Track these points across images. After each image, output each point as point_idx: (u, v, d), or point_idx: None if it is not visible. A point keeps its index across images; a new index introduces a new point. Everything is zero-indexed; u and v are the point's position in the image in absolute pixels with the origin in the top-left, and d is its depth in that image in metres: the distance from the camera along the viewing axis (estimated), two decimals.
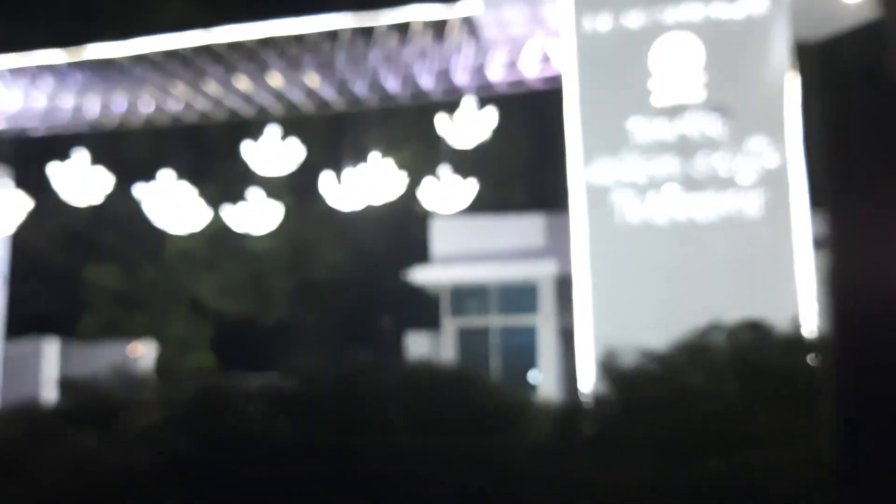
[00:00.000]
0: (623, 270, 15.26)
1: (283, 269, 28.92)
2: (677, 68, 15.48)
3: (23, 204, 20.58)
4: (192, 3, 24.07)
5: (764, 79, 15.13)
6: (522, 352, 19.37)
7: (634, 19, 15.73)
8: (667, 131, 15.33)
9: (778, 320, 7.78)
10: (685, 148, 15.20)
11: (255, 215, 20.14)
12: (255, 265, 28.61)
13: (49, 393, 22.64)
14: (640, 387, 6.75)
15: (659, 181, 15.26)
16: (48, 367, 22.69)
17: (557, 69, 18.11)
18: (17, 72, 19.16)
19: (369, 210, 19.83)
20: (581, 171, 15.59)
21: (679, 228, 15.13)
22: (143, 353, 24.58)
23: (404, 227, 23.71)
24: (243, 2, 22.53)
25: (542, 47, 17.87)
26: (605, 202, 15.41)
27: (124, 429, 6.73)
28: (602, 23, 15.84)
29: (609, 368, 7.20)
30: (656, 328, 14.24)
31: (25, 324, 23.10)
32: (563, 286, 19.14)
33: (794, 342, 7.45)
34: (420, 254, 21.49)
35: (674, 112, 15.35)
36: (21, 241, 22.21)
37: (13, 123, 20.99)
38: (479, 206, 19.94)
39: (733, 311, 14.59)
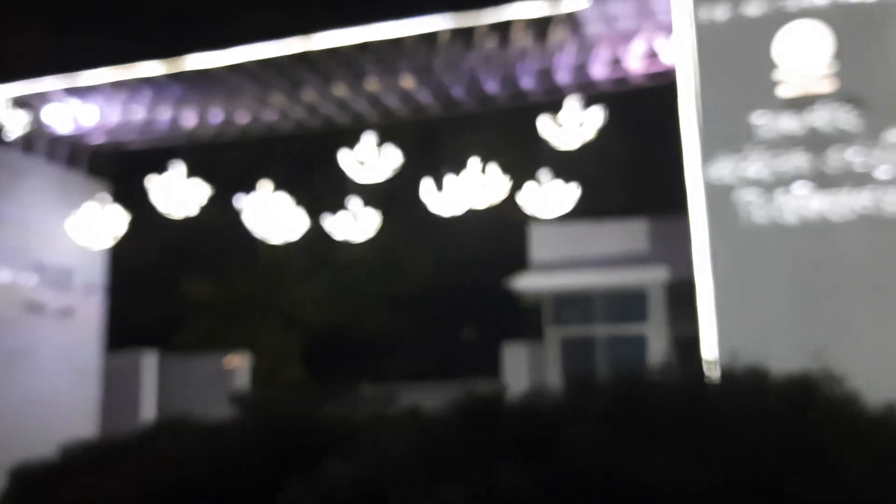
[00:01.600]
0: (749, 274, 13.94)
1: (378, 279, 28.30)
2: (805, 57, 14.10)
3: (121, 217, 20.38)
4: (285, 12, 23.67)
5: None
6: (631, 362, 18.12)
7: (755, 7, 14.44)
8: (795, 125, 13.99)
9: None
10: (816, 142, 13.83)
11: (354, 224, 19.45)
12: (349, 275, 28.06)
13: (149, 405, 22.49)
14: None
15: (787, 178, 13.91)
16: (148, 379, 22.46)
17: (667, 64, 16.91)
18: (114, 86, 18.94)
19: (469, 216, 18.89)
20: (700, 170, 14.34)
21: (811, 228, 13.74)
22: (239, 364, 24.17)
23: (505, 234, 22.72)
24: (334, 8, 21.99)
25: (650, 42, 16.68)
26: (727, 202, 14.13)
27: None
28: (720, 12, 14.59)
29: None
30: (786, 336, 13.13)
31: (125, 336, 22.94)
32: (675, 293, 17.92)
33: None
34: (520, 261, 20.46)
35: (802, 104, 13.99)
36: (120, 254, 22.05)
37: (112, 137, 20.86)
38: (583, 210, 18.80)
39: (870, 317, 13.43)
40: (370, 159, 18.35)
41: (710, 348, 13.84)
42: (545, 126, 17.11)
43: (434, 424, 6.12)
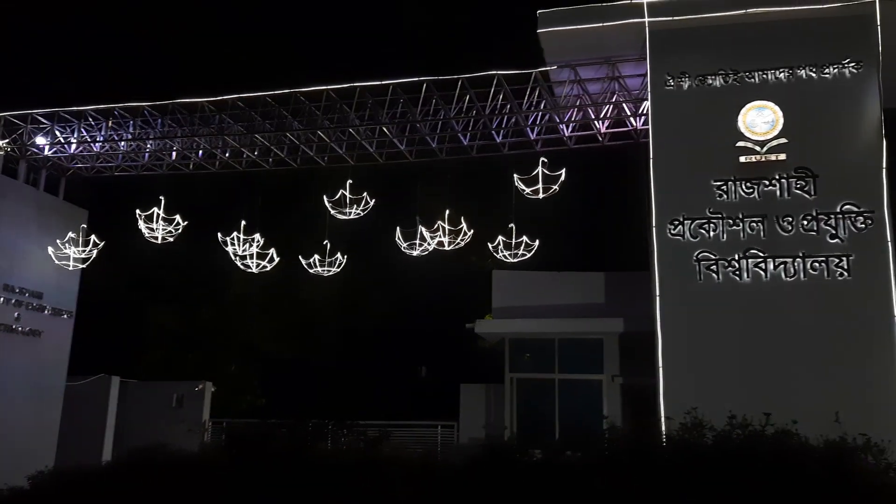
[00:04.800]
0: (702, 330, 14.07)
1: (339, 316, 27.91)
2: (764, 130, 14.53)
3: (94, 244, 19.77)
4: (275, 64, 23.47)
5: (853, 143, 14.16)
6: (586, 408, 18.07)
7: (719, 80, 14.83)
8: (752, 192, 14.31)
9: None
10: (771, 209, 14.16)
11: (322, 262, 19.20)
12: (311, 310, 27.62)
13: (110, 429, 21.58)
14: None
15: (743, 242, 14.19)
16: (111, 404, 21.58)
17: (634, 127, 17.26)
18: (97, 115, 18.50)
19: (435, 260, 18.81)
20: (661, 230, 14.55)
21: (762, 289, 13.96)
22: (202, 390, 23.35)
23: (466, 280, 22.65)
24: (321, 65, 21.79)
25: (618, 106, 17.00)
26: (685, 261, 14.33)
27: None
28: (686, 82, 14.96)
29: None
30: (735, 390, 13.26)
31: (89, 361, 22.08)
32: (629, 344, 18.00)
33: None
34: (482, 305, 20.39)
35: (759, 173, 14.34)
36: (90, 280, 21.32)
37: (90, 164, 20.31)
38: (544, 261, 18.87)
39: (815, 375, 13.65)
40: (344, 200, 18.20)
41: (664, 399, 13.87)
42: (514, 179, 17.22)
43: (445, 472, 5.94)
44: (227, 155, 19.50)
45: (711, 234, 14.32)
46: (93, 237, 19.84)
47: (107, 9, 29.43)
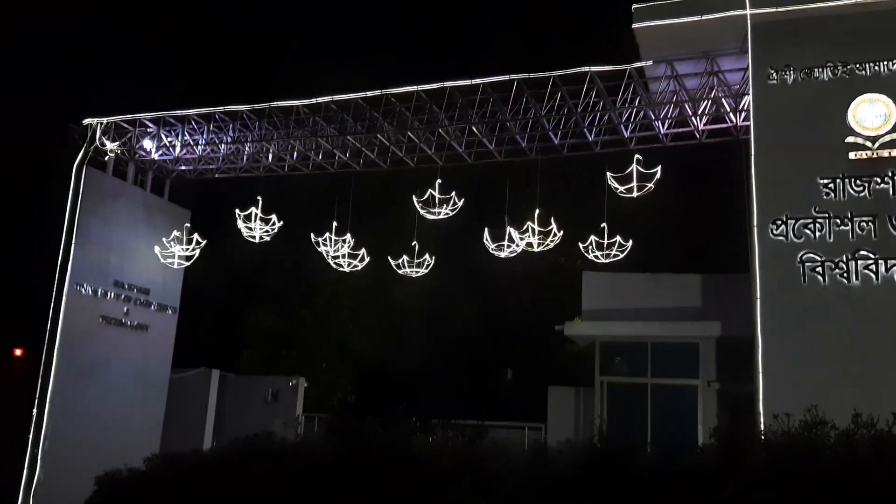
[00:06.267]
0: (806, 335, 13.27)
1: (428, 317, 27.88)
2: (876, 125, 13.59)
3: (197, 243, 20.41)
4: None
5: None
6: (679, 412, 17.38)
7: (826, 72, 14.00)
8: (862, 191, 13.41)
9: None
10: (883, 208, 13.23)
11: (412, 263, 19.21)
12: (401, 312, 27.72)
13: (210, 421, 22.29)
14: None
15: (853, 244, 13.30)
16: (212, 396, 22.31)
17: (734, 123, 16.52)
18: (200, 119, 19.09)
19: (525, 262, 18.51)
20: (764, 230, 13.80)
21: (871, 293, 13.06)
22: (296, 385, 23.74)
23: (555, 282, 22.21)
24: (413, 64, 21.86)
25: (718, 101, 16.31)
26: (788, 263, 13.55)
27: None
28: (790, 75, 14.17)
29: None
30: (838, 400, 12.39)
31: (191, 355, 22.81)
32: (726, 348, 17.23)
33: None
34: (571, 308, 19.94)
35: (871, 170, 13.43)
36: (193, 278, 22.02)
37: (194, 167, 20.99)
38: (639, 264, 18.28)
39: None
40: (433, 201, 18.14)
41: (764, 406, 13.13)
42: (607, 177, 16.75)
43: (559, 470, 5.71)
44: (320, 157, 19.77)
45: (817, 234, 13.47)
46: (195, 236, 20.48)
47: (208, 17, 30.51)
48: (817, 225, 13.47)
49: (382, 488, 5.93)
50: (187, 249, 20.44)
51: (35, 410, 17.31)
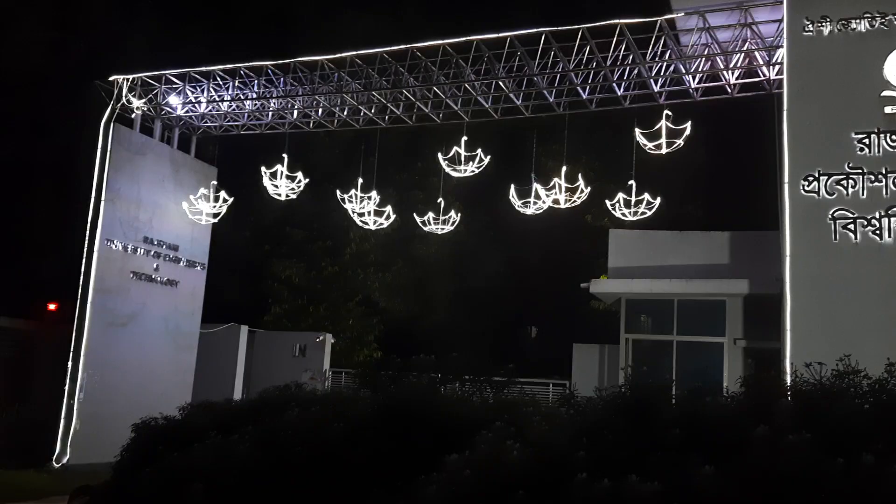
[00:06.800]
0: (837, 293, 13.09)
1: (453, 273, 27.97)
2: None
3: (224, 199, 20.54)
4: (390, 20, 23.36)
5: None
6: (705, 369, 17.35)
7: (863, 24, 13.58)
8: None
9: None
10: None
11: (438, 219, 19.19)
12: (425, 267, 27.82)
13: (240, 374, 22.71)
14: None
15: (886, 200, 13.03)
16: (241, 351, 22.71)
17: (766, 77, 16.15)
18: (225, 75, 19.03)
19: (551, 218, 18.37)
20: (795, 187, 13.56)
21: None
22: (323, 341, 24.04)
23: (582, 239, 22.09)
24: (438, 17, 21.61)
25: (750, 55, 15.92)
26: (820, 220, 13.32)
27: None
28: (825, 27, 13.78)
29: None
30: (868, 359, 12.27)
31: (219, 310, 23.13)
32: (754, 306, 17.11)
33: None
34: (597, 265, 19.87)
35: None
36: (219, 234, 22.21)
37: (220, 123, 21.00)
38: (667, 221, 18.10)
39: None
40: (458, 158, 18.01)
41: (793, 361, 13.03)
42: (635, 133, 16.51)
43: (595, 418, 5.75)
44: (345, 113, 19.67)
45: (850, 190, 13.21)
46: (223, 193, 20.59)
47: None
48: (850, 181, 13.20)
49: (415, 434, 6.01)
50: (215, 207, 20.59)
51: (70, 363, 17.68)
